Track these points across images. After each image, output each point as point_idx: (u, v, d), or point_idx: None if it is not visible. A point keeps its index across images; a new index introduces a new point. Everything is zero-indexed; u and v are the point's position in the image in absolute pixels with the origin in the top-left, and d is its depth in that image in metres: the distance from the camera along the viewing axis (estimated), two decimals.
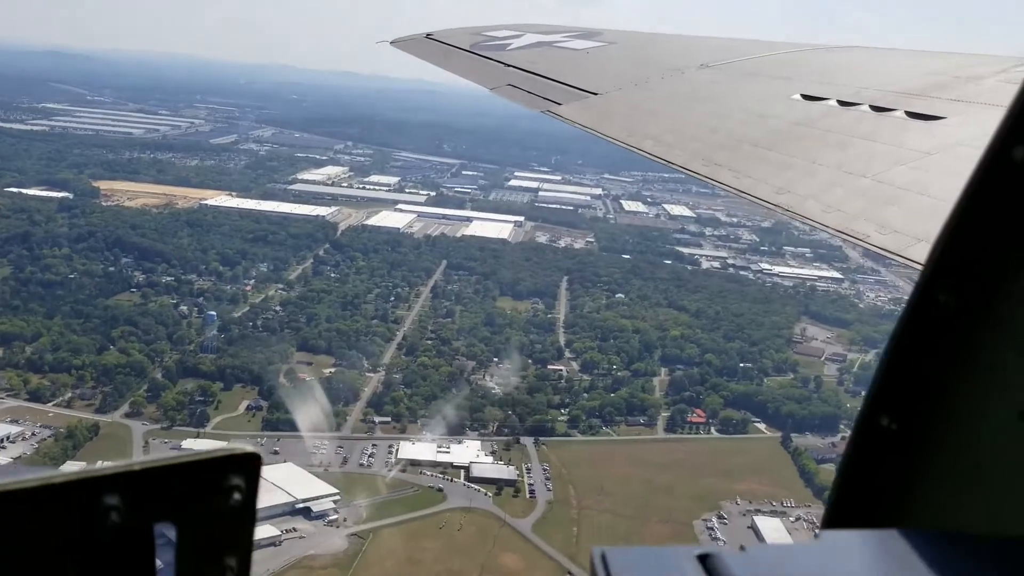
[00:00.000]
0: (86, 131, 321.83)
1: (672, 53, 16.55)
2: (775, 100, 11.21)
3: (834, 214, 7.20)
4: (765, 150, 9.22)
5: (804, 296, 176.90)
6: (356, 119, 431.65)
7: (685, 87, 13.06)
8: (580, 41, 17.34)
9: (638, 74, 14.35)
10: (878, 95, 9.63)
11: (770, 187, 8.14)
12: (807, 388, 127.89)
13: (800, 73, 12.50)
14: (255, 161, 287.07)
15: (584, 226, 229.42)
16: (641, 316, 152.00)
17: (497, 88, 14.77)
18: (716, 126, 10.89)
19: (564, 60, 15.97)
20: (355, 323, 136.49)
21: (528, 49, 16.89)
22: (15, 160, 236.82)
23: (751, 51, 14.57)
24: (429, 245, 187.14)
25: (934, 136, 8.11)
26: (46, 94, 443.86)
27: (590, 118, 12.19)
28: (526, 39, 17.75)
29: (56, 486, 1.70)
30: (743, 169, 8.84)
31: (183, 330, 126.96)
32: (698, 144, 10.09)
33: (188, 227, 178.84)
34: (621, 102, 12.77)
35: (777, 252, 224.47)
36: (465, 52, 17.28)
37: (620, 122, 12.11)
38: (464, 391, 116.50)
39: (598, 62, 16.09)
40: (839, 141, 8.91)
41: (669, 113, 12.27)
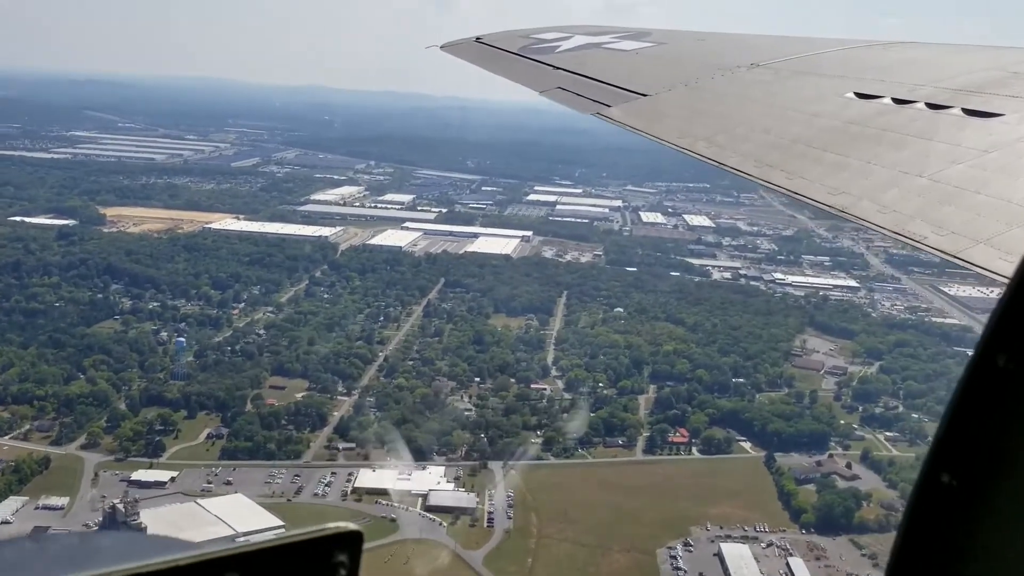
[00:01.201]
0: (108, 158, 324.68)
1: (722, 53, 16.30)
2: (828, 99, 11.01)
3: (889, 215, 7.07)
4: (819, 150, 9.02)
5: (814, 306, 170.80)
6: (383, 138, 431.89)
7: (736, 87, 12.88)
8: (629, 42, 17.18)
9: (688, 74, 14.06)
10: (934, 92, 9.48)
11: (824, 188, 7.99)
12: (799, 404, 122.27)
13: (853, 71, 12.33)
14: (271, 183, 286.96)
15: (595, 239, 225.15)
16: (636, 331, 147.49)
17: (546, 91, 14.62)
18: (768, 126, 10.65)
19: (613, 61, 15.94)
20: (337, 345, 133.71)
21: (577, 51, 16.84)
22: (28, 189, 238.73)
23: (803, 49, 14.31)
24: (429, 263, 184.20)
25: (992, 133, 7.92)
26: (77, 122, 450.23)
27: (640, 120, 12.02)
28: (575, 41, 17.66)
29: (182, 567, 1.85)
30: (796, 170, 8.65)
31: (156, 357, 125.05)
32: (750, 145, 9.93)
33: (185, 251, 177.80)
34: (671, 103, 12.61)
35: (794, 261, 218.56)
36: (514, 55, 17.16)
37: (670, 123, 11.93)
38: (436, 414, 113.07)
39: (648, 63, 15.89)
40: (894, 140, 8.63)
41: (720, 114, 12.07)
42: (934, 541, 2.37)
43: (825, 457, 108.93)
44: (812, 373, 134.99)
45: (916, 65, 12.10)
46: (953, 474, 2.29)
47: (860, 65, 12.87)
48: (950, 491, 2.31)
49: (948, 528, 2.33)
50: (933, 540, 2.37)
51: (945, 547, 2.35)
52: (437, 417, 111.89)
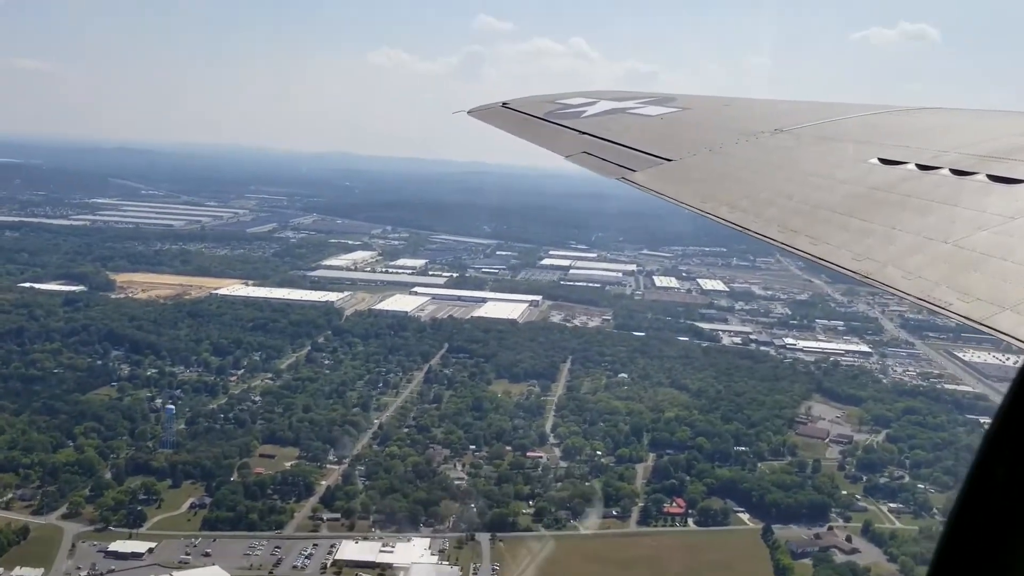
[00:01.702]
0: (126, 224, 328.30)
1: (746, 118, 16.40)
2: (852, 164, 11.00)
3: (915, 281, 7.08)
4: (843, 216, 8.98)
5: (824, 372, 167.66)
6: (401, 203, 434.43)
7: (760, 152, 12.95)
8: (654, 107, 17.35)
9: (712, 139, 14.17)
10: (958, 158, 9.54)
11: (849, 254, 8.01)
12: (801, 474, 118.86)
13: (877, 136, 12.36)
14: (284, 249, 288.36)
15: (606, 304, 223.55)
16: (639, 397, 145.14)
17: (572, 156, 14.72)
18: (792, 192, 10.63)
19: (638, 126, 16.08)
20: (332, 412, 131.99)
21: (602, 116, 17.03)
22: (42, 255, 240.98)
23: (826, 114, 14.37)
24: (434, 328, 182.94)
25: (1017, 200, 7.99)
26: (102, 189, 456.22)
27: (664, 184, 12.10)
28: (600, 106, 17.87)
29: None
30: (820, 235, 8.63)
31: (148, 425, 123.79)
32: (774, 210, 9.87)
33: (189, 318, 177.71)
34: (695, 168, 12.72)
35: (807, 326, 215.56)
36: (540, 120, 17.42)
37: (694, 188, 11.93)
38: (426, 483, 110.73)
39: (672, 128, 16.03)
40: (919, 206, 8.60)
41: (744, 179, 12.12)
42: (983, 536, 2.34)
43: (824, 529, 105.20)
44: (816, 441, 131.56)
45: (940, 131, 12.15)
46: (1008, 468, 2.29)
47: (884, 131, 12.90)
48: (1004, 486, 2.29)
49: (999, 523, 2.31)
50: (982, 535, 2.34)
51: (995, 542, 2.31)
52: (426, 487, 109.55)
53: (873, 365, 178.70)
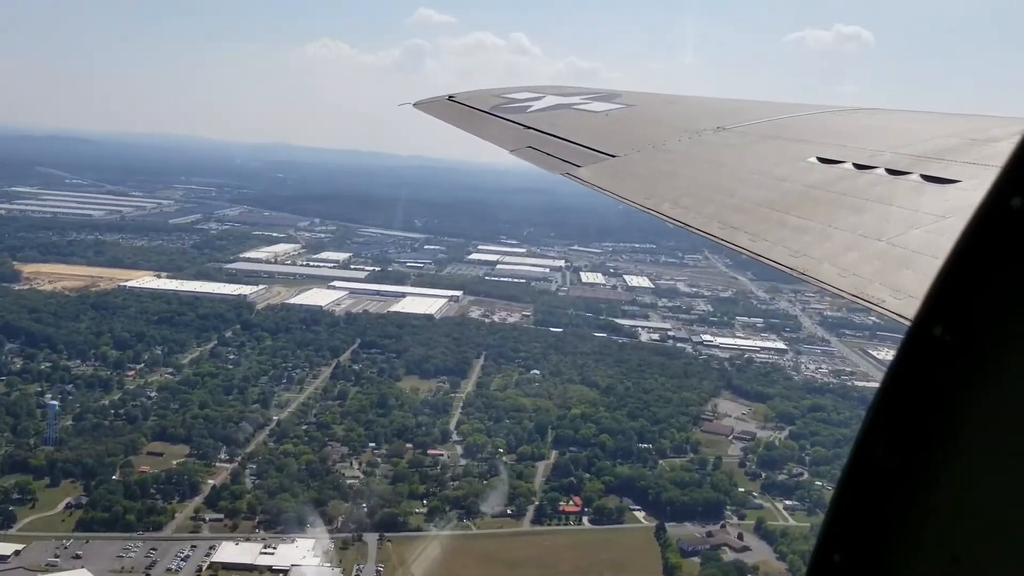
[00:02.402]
0: (44, 214, 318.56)
1: (689, 115, 16.46)
2: (791, 163, 10.97)
3: (849, 278, 7.19)
4: (782, 213, 9.04)
5: (738, 369, 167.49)
6: (334, 196, 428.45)
7: (702, 150, 13.00)
8: (599, 103, 17.36)
9: (656, 136, 14.21)
10: (893, 158, 9.70)
11: (786, 250, 8.11)
12: (701, 471, 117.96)
13: (816, 135, 12.44)
14: (204, 241, 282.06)
15: (528, 299, 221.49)
16: (547, 394, 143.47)
17: (517, 150, 14.77)
18: (733, 189, 10.63)
19: (583, 122, 16.13)
20: (229, 409, 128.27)
21: (548, 111, 17.04)
22: None
23: (768, 113, 14.46)
24: (348, 323, 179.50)
25: (948, 199, 8.10)
26: (25, 178, 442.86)
27: (608, 180, 12.05)
28: (546, 101, 17.94)
29: None
30: (759, 232, 8.72)
31: (32, 422, 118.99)
32: (715, 207, 9.93)
33: (93, 310, 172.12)
34: (639, 164, 12.77)
35: (727, 323, 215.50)
36: (486, 114, 17.44)
37: (637, 184, 11.93)
38: (318, 482, 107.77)
39: (617, 124, 16.00)
40: (855, 204, 8.67)
41: (686, 176, 12.06)
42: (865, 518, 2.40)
43: (718, 527, 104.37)
44: (720, 438, 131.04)
45: (877, 131, 12.22)
46: (888, 447, 2.34)
47: (823, 130, 13.02)
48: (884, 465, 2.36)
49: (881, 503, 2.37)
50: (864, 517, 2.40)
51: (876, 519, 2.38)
52: (317, 486, 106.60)
53: (787, 362, 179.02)
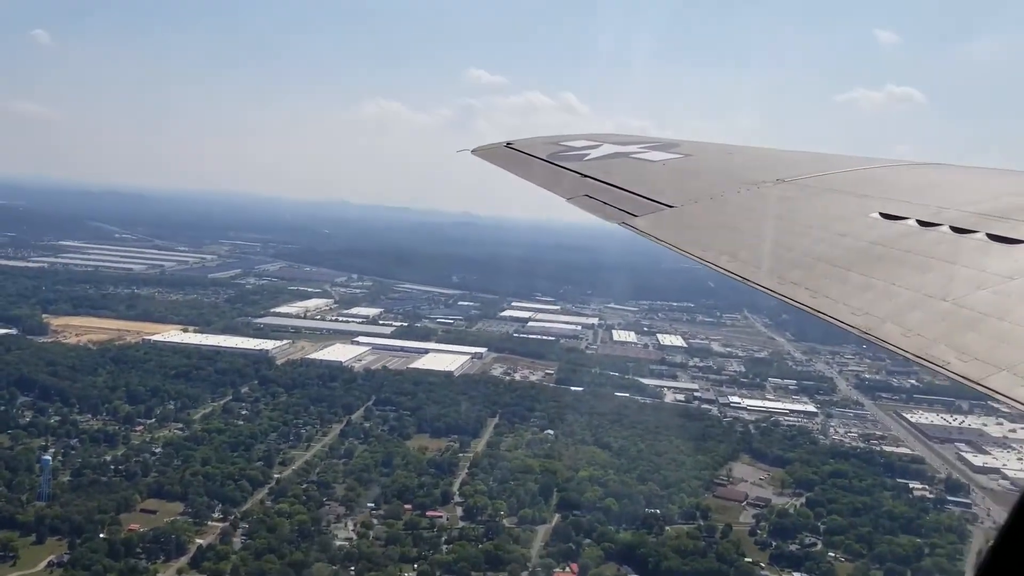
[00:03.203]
0: (86, 267, 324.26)
1: (749, 167, 16.06)
2: (853, 218, 10.82)
3: (913, 338, 7.03)
4: (843, 269, 8.91)
5: (763, 432, 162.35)
6: (376, 252, 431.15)
7: (761, 202, 12.69)
8: (657, 152, 17.09)
9: (714, 187, 13.89)
10: (959, 216, 9.50)
11: (847, 308, 7.98)
12: (709, 539, 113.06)
13: (879, 190, 12.24)
14: (239, 295, 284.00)
15: (553, 357, 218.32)
16: (558, 455, 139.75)
17: (573, 198, 14.36)
18: (792, 243, 10.50)
19: (641, 171, 15.88)
20: (232, 466, 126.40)
21: (605, 160, 16.84)
22: None
23: (829, 166, 14.12)
24: (366, 379, 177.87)
25: (1016, 260, 8.00)
26: (75, 232, 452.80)
27: (664, 231, 11.89)
28: (603, 149, 17.71)
29: None
30: (819, 288, 8.56)
31: (30, 476, 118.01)
32: (773, 261, 9.73)
33: (112, 364, 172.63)
34: (696, 216, 12.55)
35: (758, 384, 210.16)
36: (542, 161, 17.26)
37: (695, 235, 11.79)
38: (307, 544, 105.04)
39: (675, 174, 15.76)
40: (918, 263, 8.53)
41: (744, 228, 11.96)
42: None
43: None
44: (733, 504, 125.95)
45: (941, 187, 12.00)
46: None
47: (885, 185, 12.80)
48: None
49: None
50: None
51: None
52: (305, 548, 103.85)
53: (815, 425, 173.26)
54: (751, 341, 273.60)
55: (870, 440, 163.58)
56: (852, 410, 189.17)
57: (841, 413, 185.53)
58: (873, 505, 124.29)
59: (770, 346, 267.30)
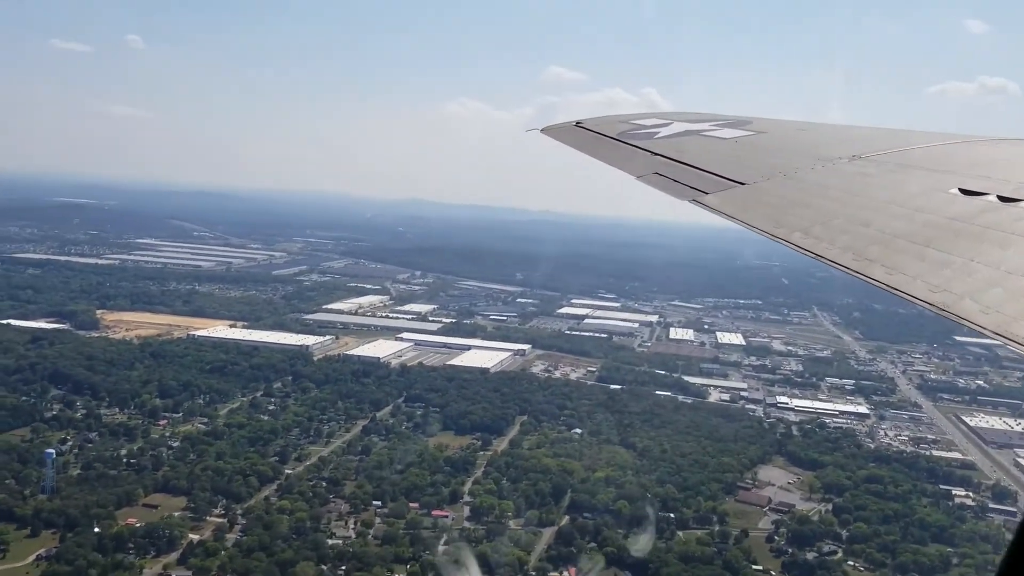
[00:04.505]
0: (155, 264, 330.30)
1: (823, 143, 15.50)
2: (931, 194, 10.42)
3: (992, 315, 6.87)
4: (920, 246, 8.67)
5: (804, 434, 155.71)
6: (444, 249, 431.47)
7: (836, 178, 12.27)
8: (729, 130, 16.74)
9: (787, 164, 13.44)
10: None
11: (925, 285, 7.83)
12: (721, 545, 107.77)
13: (958, 166, 11.75)
14: (297, 291, 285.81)
15: (600, 354, 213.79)
16: (579, 455, 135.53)
17: (643, 176, 14.01)
18: (868, 220, 10.10)
19: (712, 149, 15.36)
20: (245, 461, 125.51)
21: (676, 137, 16.52)
22: (47, 293, 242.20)
23: (905, 142, 13.75)
24: (400, 375, 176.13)
25: None
26: (155, 230, 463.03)
27: (735, 208, 11.59)
28: (674, 127, 17.48)
29: None
30: (896, 265, 8.45)
31: (39, 470, 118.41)
32: (849, 238, 9.49)
33: (150, 358, 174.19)
34: (769, 192, 12.17)
35: (813, 384, 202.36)
36: (613, 140, 16.98)
37: (766, 213, 11.34)
38: (299, 542, 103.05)
39: (746, 151, 15.09)
40: (999, 239, 8.27)
41: (818, 205, 11.35)
42: None
43: None
44: (754, 509, 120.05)
45: (1022, 162, 11.67)
46: None
47: (964, 160, 12.19)
48: None
49: None
50: None
51: None
52: (297, 546, 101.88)
53: (863, 428, 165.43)
54: (815, 339, 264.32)
55: (920, 444, 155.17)
56: (908, 412, 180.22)
57: (895, 415, 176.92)
58: (905, 512, 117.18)
59: (835, 345, 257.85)
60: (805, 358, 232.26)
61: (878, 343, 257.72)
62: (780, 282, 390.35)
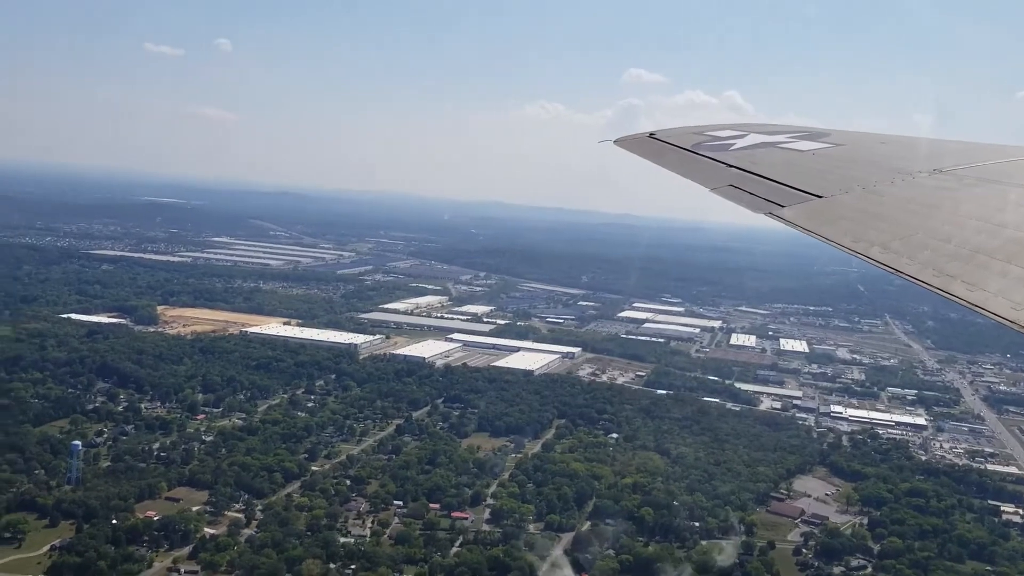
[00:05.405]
0: (226, 262, 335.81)
1: (903, 156, 15.86)
2: (1014, 209, 10.53)
3: None
4: (1003, 262, 8.59)
5: (853, 444, 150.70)
6: (513, 250, 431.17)
7: (916, 192, 12.38)
8: (805, 142, 16.82)
9: (866, 177, 13.45)
10: None
11: (1007, 302, 7.76)
12: (744, 557, 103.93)
13: None
14: (357, 290, 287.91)
15: (653, 359, 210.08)
16: (611, 460, 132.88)
17: (717, 188, 14.23)
18: (949, 235, 10.09)
19: (788, 161, 15.55)
20: (273, 457, 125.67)
21: (751, 149, 16.60)
22: (114, 288, 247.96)
23: (989, 156, 13.84)
24: (442, 376, 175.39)
25: None
26: (233, 229, 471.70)
27: (813, 221, 11.73)
28: (749, 139, 17.57)
29: None
30: (978, 281, 8.37)
31: (68, 461, 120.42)
32: (929, 253, 9.51)
33: (199, 354, 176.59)
34: (847, 206, 12.20)
35: (873, 394, 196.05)
36: (687, 151, 17.15)
37: (845, 226, 11.39)
38: (311, 539, 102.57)
39: (824, 164, 15.26)
40: None
41: (898, 219, 11.44)
42: None
43: None
44: (785, 521, 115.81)
45: None
46: None
47: None
48: None
49: None
50: None
51: None
52: (308, 543, 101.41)
53: (918, 439, 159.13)
54: (883, 348, 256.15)
55: (975, 457, 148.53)
56: (968, 424, 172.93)
57: (954, 427, 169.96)
58: (944, 528, 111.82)
59: (903, 354, 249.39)
60: (869, 367, 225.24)
61: (949, 353, 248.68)
62: (855, 289, 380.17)
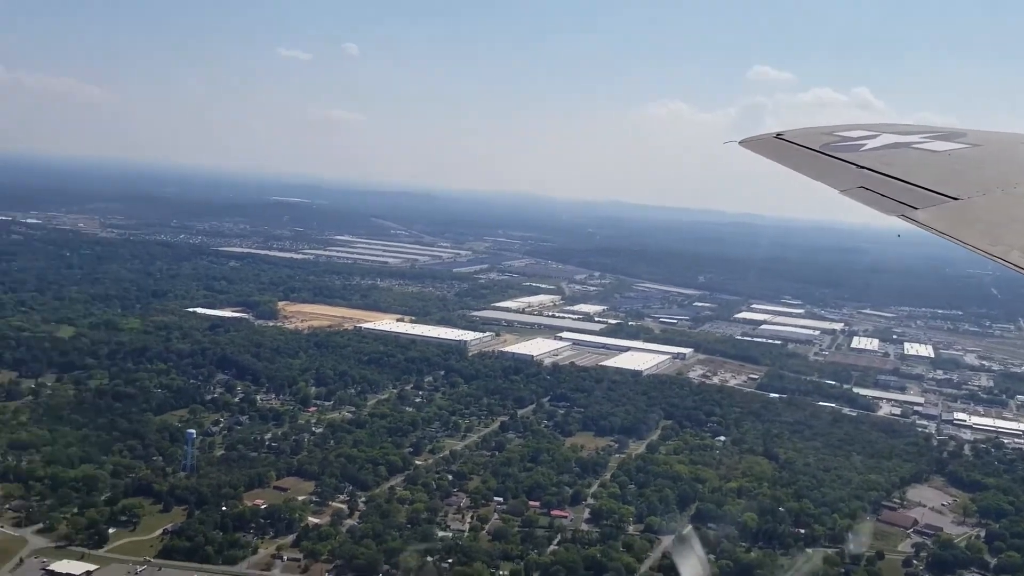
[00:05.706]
0: (346, 260, 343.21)
1: None
2: None
3: None
4: None
5: (976, 453, 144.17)
6: (629, 250, 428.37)
7: None
8: (940, 142, 16.28)
9: (1005, 179, 13.36)
10: None
11: None
12: (851, 567, 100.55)
13: None
14: (471, 288, 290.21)
15: (768, 362, 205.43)
16: (717, 463, 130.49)
17: (847, 190, 14.16)
18: None
19: (922, 162, 15.19)
20: (380, 451, 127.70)
21: (884, 150, 16.21)
22: (240, 284, 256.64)
23: None
24: (551, 374, 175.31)
25: None
26: (355, 227, 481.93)
27: (948, 224, 11.42)
28: (881, 140, 17.07)
29: None
30: None
31: (184, 448, 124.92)
32: None
33: (314, 348, 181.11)
34: (985, 208, 11.94)
35: (1001, 401, 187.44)
36: (815, 152, 16.67)
37: (982, 229, 11.21)
38: (409, 533, 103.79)
39: (960, 165, 15.02)
40: None
41: None
42: None
43: None
44: (898, 531, 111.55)
45: None
46: None
47: None
48: None
49: None
50: None
51: None
52: (407, 536, 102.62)
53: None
54: (1015, 354, 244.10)
55: None
56: None
57: None
58: None
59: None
60: (999, 373, 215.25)
61: None
62: (989, 292, 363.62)
